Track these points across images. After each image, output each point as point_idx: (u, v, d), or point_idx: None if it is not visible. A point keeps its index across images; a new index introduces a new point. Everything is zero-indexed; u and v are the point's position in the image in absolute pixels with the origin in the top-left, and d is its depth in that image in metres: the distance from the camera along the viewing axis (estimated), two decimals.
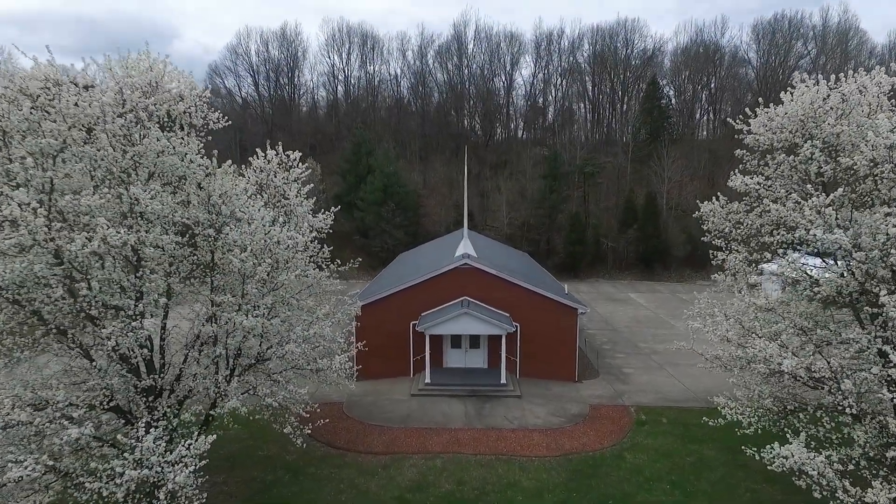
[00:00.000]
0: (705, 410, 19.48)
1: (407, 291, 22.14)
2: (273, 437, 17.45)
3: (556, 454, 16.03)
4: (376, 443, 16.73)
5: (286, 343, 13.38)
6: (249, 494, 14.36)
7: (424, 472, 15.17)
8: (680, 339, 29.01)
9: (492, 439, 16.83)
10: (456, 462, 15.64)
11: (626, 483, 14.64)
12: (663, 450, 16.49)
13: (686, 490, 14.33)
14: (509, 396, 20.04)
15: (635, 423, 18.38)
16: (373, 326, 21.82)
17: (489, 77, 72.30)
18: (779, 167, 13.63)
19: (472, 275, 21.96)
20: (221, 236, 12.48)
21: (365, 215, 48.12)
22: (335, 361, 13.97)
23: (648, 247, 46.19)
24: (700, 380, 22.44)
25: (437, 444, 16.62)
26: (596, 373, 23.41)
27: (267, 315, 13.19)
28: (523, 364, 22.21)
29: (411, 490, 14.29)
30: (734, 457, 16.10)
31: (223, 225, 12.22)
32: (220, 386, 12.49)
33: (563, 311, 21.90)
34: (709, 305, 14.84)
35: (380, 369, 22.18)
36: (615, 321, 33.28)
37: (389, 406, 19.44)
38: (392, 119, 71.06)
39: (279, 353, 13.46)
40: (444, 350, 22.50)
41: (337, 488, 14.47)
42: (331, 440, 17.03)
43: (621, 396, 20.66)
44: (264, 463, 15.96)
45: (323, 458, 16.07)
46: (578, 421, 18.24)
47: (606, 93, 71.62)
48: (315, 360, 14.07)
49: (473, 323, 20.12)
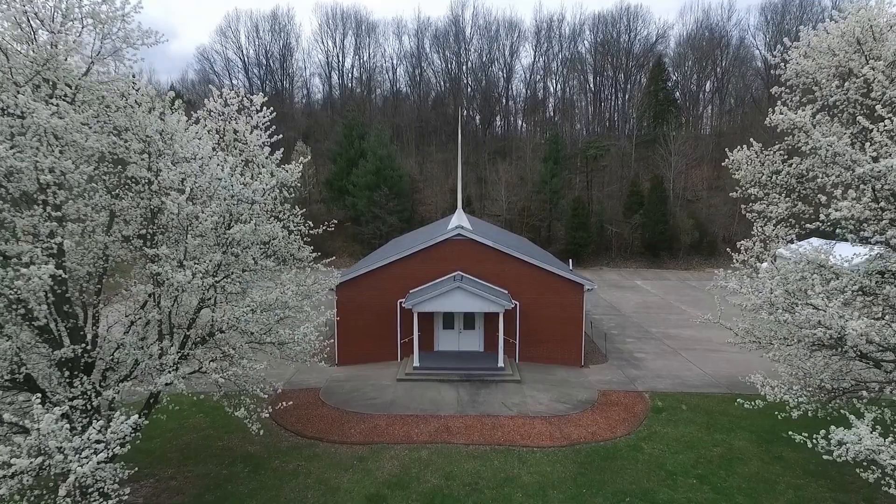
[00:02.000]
0: (730, 397, 17.33)
1: (393, 266, 19.87)
2: (237, 426, 15.19)
3: (561, 444, 13.77)
4: (353, 432, 14.47)
5: (238, 309, 11.15)
6: (199, 491, 12.10)
7: (407, 464, 12.91)
8: (692, 327, 26.89)
9: (487, 428, 14.56)
10: (444, 453, 13.38)
11: (646, 478, 12.37)
12: (686, 440, 14.22)
13: (717, 486, 12.07)
14: (508, 381, 17.77)
15: (651, 410, 16.12)
16: (355, 306, 19.57)
17: (487, 64, 70.04)
18: (830, 98, 11.37)
19: (467, 247, 19.69)
20: (158, 180, 10.28)
21: (357, 201, 45.82)
22: (298, 332, 11.69)
23: (655, 233, 43.88)
24: (720, 365, 20.23)
25: (423, 433, 14.35)
26: (604, 358, 21.15)
27: (215, 274, 10.94)
28: (523, 347, 19.95)
29: (390, 486, 12.02)
30: (768, 448, 13.87)
31: (160, 165, 9.98)
32: (153, 358, 10.24)
33: (568, 288, 19.63)
34: (746, 265, 12.56)
35: (363, 353, 19.93)
36: (622, 307, 31.02)
37: (372, 392, 17.17)
38: (388, 108, 68.78)
39: (230, 322, 11.22)
40: (436, 332, 20.22)
41: (302, 484, 12.21)
42: (301, 429, 14.77)
43: (634, 382, 18.39)
44: (222, 455, 13.71)
45: (290, 450, 13.82)
46: (586, 408, 15.97)
47: (608, 83, 69.25)
48: (275, 330, 11.80)
49: (467, 299, 17.84)
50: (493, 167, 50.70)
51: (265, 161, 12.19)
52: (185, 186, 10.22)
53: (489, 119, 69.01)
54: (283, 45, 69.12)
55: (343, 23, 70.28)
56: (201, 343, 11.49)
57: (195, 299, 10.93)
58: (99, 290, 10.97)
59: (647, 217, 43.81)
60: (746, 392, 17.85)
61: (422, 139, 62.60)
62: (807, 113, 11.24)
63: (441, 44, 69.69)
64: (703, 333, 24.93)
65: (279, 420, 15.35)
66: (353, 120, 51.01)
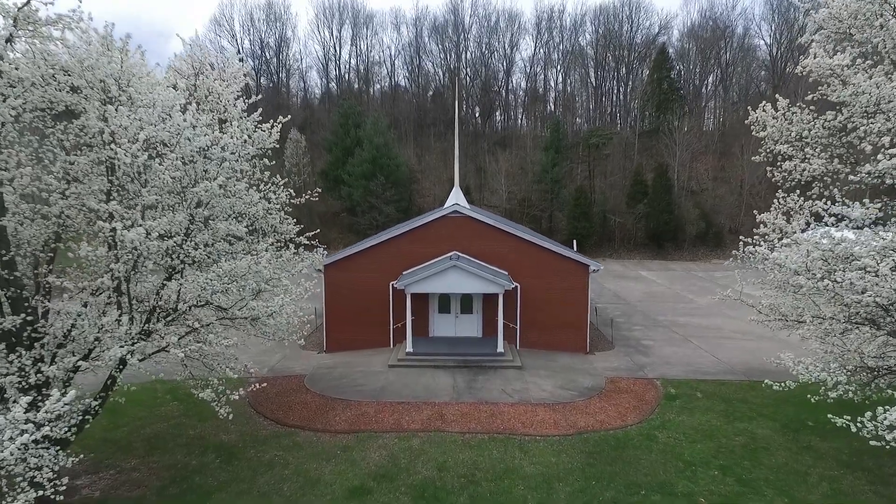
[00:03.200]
0: (748, 384, 16.06)
1: (385, 246, 18.58)
2: (212, 413, 13.85)
3: (567, 433, 12.50)
4: (338, 419, 13.19)
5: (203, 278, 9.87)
6: (163, 483, 10.82)
7: (396, 454, 11.63)
8: (703, 315, 25.64)
9: (485, 415, 13.28)
10: (437, 442, 12.10)
11: (662, 469, 11.09)
12: (704, 428, 12.95)
13: (742, 478, 10.78)
14: (508, 367, 16.49)
15: (664, 397, 14.85)
16: (345, 288, 18.30)
17: (487, 55, 68.72)
18: (871, 42, 10.08)
19: (464, 225, 18.41)
20: (110, 128, 9.01)
21: (352, 191, 44.52)
22: (273, 304, 10.40)
23: (660, 223, 42.58)
24: (733, 353, 18.98)
25: (415, 420, 13.07)
26: (610, 344, 19.88)
27: (182, 236, 9.66)
28: (524, 332, 18.66)
29: (376, 477, 10.74)
30: (794, 437, 12.60)
31: (115, 112, 8.71)
32: (104, 331, 8.95)
33: (572, 269, 18.35)
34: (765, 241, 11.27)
35: (354, 339, 18.64)
36: (627, 296, 29.75)
37: (361, 379, 15.89)
38: (386, 101, 67.43)
39: (197, 294, 9.93)
40: (431, 316, 18.94)
41: (279, 475, 10.93)
42: (281, 417, 13.49)
43: (643, 369, 17.12)
44: (193, 444, 12.43)
45: (268, 439, 12.54)
46: (593, 395, 14.69)
47: (610, 77, 67.80)
48: (249, 304, 10.51)
49: (464, 279, 16.55)
50: (493, 157, 49.39)
51: (237, 114, 10.84)
52: (141, 135, 8.94)
53: (489, 111, 67.70)
54: (279, 36, 67.83)
55: (340, 12, 69.04)
56: (166, 318, 10.20)
57: (154, 265, 9.65)
58: (52, 259, 9.73)
59: (652, 207, 42.53)
60: (765, 379, 16.66)
61: (420, 130, 61.33)
62: (845, 57, 9.97)
63: (440, 34, 68.37)
64: (714, 322, 23.71)
65: (258, 408, 14.09)
66: (349, 108, 49.70)
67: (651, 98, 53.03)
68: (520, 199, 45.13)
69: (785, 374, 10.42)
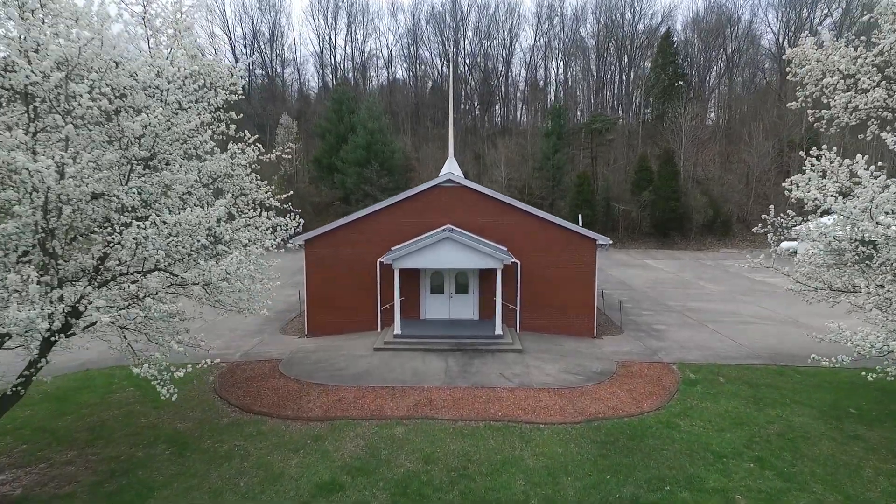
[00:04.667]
0: (775, 369, 14.38)
1: (373, 219, 16.90)
2: (169, 400, 12.27)
3: (575, 420, 10.82)
4: (312, 406, 11.51)
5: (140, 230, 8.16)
6: (99, 479, 9.13)
7: (375, 444, 9.95)
8: (717, 301, 23.96)
9: (481, 401, 11.60)
10: (425, 431, 10.43)
11: (688, 461, 9.41)
12: (731, 416, 11.27)
13: (782, 472, 9.10)
14: (507, 350, 14.81)
15: (682, 382, 13.18)
16: (328, 266, 16.64)
17: (486, 42, 66.97)
18: None
19: (459, 196, 16.73)
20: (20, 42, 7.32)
21: (345, 178, 42.81)
22: (226, 264, 8.69)
23: (666, 210, 40.87)
24: (754, 337, 17.33)
25: (399, 406, 11.40)
26: (619, 329, 18.21)
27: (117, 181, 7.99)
28: (525, 315, 16.98)
29: (350, 471, 9.06)
30: (837, 425, 10.91)
31: None
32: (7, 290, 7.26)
33: (577, 244, 16.66)
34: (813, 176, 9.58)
35: (338, 322, 16.97)
36: (634, 283, 28.08)
37: (343, 363, 14.21)
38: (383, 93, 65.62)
39: (131, 249, 8.22)
40: (422, 297, 17.26)
41: (236, 469, 9.25)
42: (248, 404, 11.81)
43: (657, 353, 15.44)
44: (143, 434, 10.74)
45: (229, 427, 10.86)
46: (603, 379, 13.01)
47: (612, 69, 65.91)
48: (192, 259, 8.80)
49: (458, 252, 14.87)
50: (492, 145, 47.69)
51: (183, 29, 9.07)
52: (52, 47, 7.25)
53: (488, 103, 65.97)
54: (273, 24, 66.11)
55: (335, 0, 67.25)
56: (98, 281, 8.50)
57: (84, 217, 7.96)
58: None
59: (657, 194, 40.83)
60: (791, 363, 15.02)
61: (417, 119, 59.63)
62: None
63: (437, 21, 66.63)
64: (729, 307, 22.04)
65: (223, 394, 12.42)
66: (343, 94, 48.00)
67: (655, 84, 51.27)
68: (520, 186, 43.46)
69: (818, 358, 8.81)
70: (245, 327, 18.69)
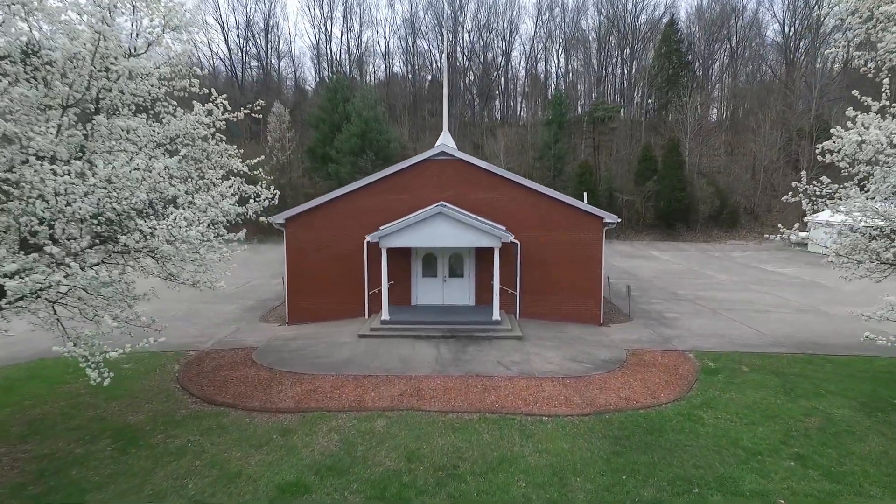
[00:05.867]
0: (803, 357, 12.99)
1: (359, 196, 15.52)
2: (127, 391, 10.93)
3: (583, 412, 9.43)
4: (283, 396, 10.13)
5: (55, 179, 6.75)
6: (25, 480, 7.76)
7: (352, 439, 8.57)
8: (728, 290, 22.56)
9: (475, 391, 10.22)
10: (410, 424, 9.04)
11: (717, 458, 8.03)
12: (761, 408, 9.89)
13: (830, 472, 7.72)
14: (505, 337, 13.42)
15: (702, 371, 11.79)
16: (311, 248, 15.27)
17: (486, 36, 65.51)
18: None
19: (453, 170, 15.35)
20: None
21: (339, 168, 41.39)
22: (169, 222, 7.28)
23: (671, 201, 39.45)
24: (774, 326, 15.97)
25: (382, 397, 10.01)
26: (627, 317, 16.83)
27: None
28: (525, 300, 15.60)
29: (320, 470, 7.68)
30: (884, 417, 9.57)
31: None
32: None
33: (583, 222, 15.28)
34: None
35: (321, 308, 15.59)
36: (640, 273, 26.70)
37: (324, 350, 12.82)
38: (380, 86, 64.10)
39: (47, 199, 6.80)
40: (413, 281, 15.87)
41: (187, 467, 7.87)
42: (212, 394, 10.42)
43: (670, 341, 14.07)
44: (87, 428, 9.36)
45: (186, 420, 9.47)
46: (613, 368, 11.63)
47: (613, 62, 64.28)
48: (131, 220, 7.38)
49: (452, 230, 13.49)
50: (492, 135, 46.30)
51: None
52: None
53: (487, 96, 64.50)
54: (267, 13, 64.61)
55: None
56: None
57: None
58: None
59: (662, 184, 39.43)
60: (819, 352, 13.71)
61: (414, 111, 58.24)
62: None
63: (436, 11, 65.17)
64: (742, 296, 20.66)
65: (185, 383, 11.03)
66: (338, 82, 46.61)
67: (659, 73, 49.84)
68: (520, 175, 42.00)
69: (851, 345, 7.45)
70: (224, 316, 17.32)
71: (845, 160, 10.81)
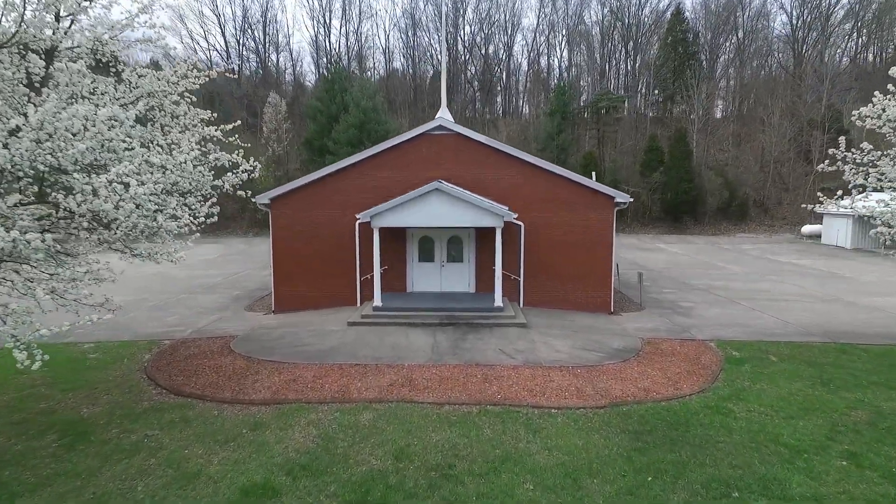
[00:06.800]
0: (836, 347, 11.84)
1: (350, 174, 14.42)
2: (86, 382, 9.82)
3: (597, 404, 8.30)
4: (259, 387, 9.01)
5: None
6: None
7: (332, 434, 7.45)
8: (743, 280, 21.37)
9: (475, 380, 9.09)
10: (400, 417, 7.92)
11: (756, 456, 6.90)
12: (799, 400, 8.74)
13: (892, 473, 6.57)
14: (508, 325, 12.29)
15: (725, 361, 10.64)
16: (298, 230, 14.18)
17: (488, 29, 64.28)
18: None
19: (452, 145, 14.22)
20: None
21: (337, 159, 40.11)
22: (112, 175, 6.14)
23: (678, 192, 38.21)
24: (799, 314, 14.80)
25: (370, 387, 8.89)
26: (638, 306, 15.69)
27: None
28: (529, 286, 14.46)
29: (292, 470, 6.56)
30: None
31: None
32: None
33: (592, 202, 14.14)
34: None
35: (309, 296, 14.48)
36: (649, 264, 25.52)
37: (309, 339, 11.70)
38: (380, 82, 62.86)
39: None
40: (409, 267, 14.75)
41: (139, 467, 6.76)
42: (180, 384, 9.31)
43: (688, 330, 12.92)
44: (33, 422, 8.25)
45: (147, 413, 8.36)
46: (628, 357, 10.49)
47: (617, 57, 62.88)
48: (64, 173, 6.26)
49: (450, 207, 12.37)
50: (493, 127, 45.15)
51: None
52: None
53: (488, 90, 63.25)
54: (265, 5, 63.47)
55: None
56: None
57: None
58: None
59: (669, 175, 38.22)
60: (852, 342, 12.58)
61: (415, 103, 57.10)
62: None
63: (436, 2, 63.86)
64: (759, 286, 19.48)
65: (153, 373, 9.92)
66: (336, 73, 45.46)
67: (665, 63, 48.59)
68: None
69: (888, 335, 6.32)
70: (207, 305, 16.21)
71: (888, 125, 9.68)
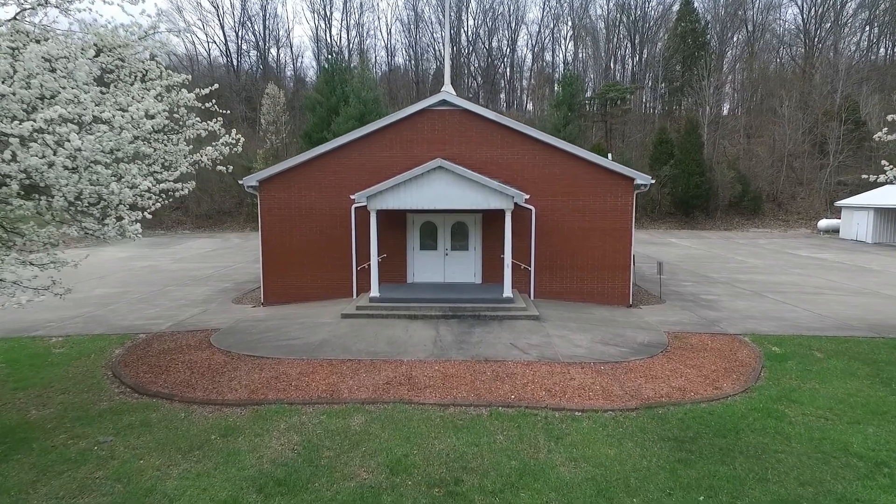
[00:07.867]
0: (884, 342, 10.53)
1: (345, 154, 13.27)
2: (40, 380, 8.69)
3: (628, 406, 7.11)
4: (236, 385, 7.85)
5: None
6: None
7: (316, 441, 6.28)
8: (767, 273, 20.11)
9: (484, 378, 7.91)
10: (397, 421, 6.74)
11: (825, 471, 5.70)
12: (861, 401, 7.54)
13: None
14: (519, 317, 11.11)
15: (766, 357, 9.43)
16: (289, 215, 13.04)
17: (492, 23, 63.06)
18: None
19: (456, 123, 13.04)
20: None
21: None
22: (41, 118, 4.98)
23: (689, 186, 36.91)
24: (835, 308, 13.60)
25: (363, 385, 7.72)
26: (658, 298, 14.51)
27: None
28: (541, 277, 13.28)
29: (265, 486, 5.39)
30: None
31: None
32: None
33: (611, 186, 12.95)
34: None
35: (302, 287, 13.34)
36: (662, 258, 24.25)
37: (297, 332, 10.54)
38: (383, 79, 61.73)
39: None
40: (410, 255, 13.58)
41: (81, 482, 5.60)
42: (147, 382, 8.16)
43: (717, 324, 11.72)
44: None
45: (103, 415, 7.21)
46: (655, 353, 9.30)
47: (623, 52, 61.57)
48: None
49: (453, 187, 11.19)
50: None
51: None
52: None
53: (492, 85, 62.02)
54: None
55: None
56: None
57: None
58: None
59: (680, 168, 36.93)
60: None
61: (416, 98, 55.94)
62: None
63: None
64: (785, 279, 18.26)
65: (120, 370, 8.78)
66: (336, 64, 44.35)
67: (674, 54, 47.28)
68: None
69: None
70: (192, 297, 15.10)
71: None
